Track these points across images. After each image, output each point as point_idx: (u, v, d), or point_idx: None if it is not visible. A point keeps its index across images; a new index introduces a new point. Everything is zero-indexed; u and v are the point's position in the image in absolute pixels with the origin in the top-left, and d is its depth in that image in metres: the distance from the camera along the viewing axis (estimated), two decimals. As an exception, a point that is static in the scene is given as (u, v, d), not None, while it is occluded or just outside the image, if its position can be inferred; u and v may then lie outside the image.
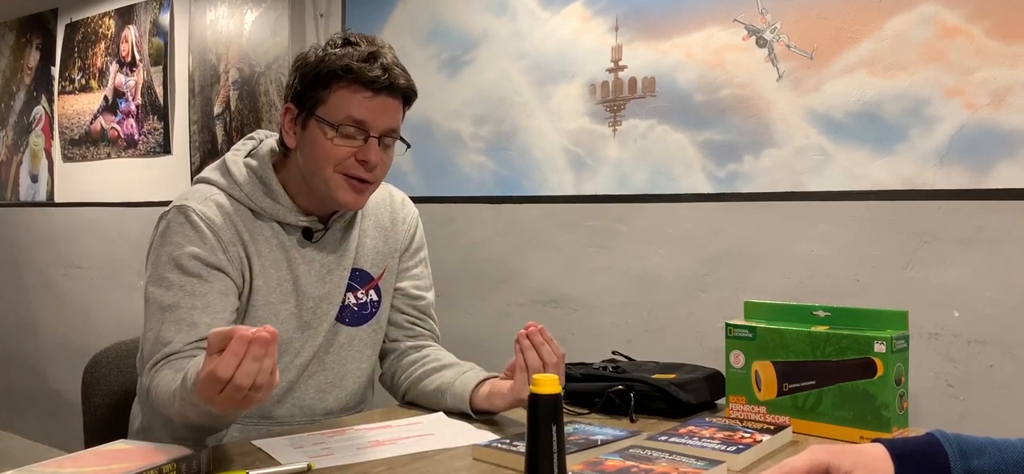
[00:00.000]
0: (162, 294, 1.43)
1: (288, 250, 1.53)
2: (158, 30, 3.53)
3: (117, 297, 3.75)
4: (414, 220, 1.73)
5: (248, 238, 1.49)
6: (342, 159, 1.45)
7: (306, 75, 1.47)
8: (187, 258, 1.43)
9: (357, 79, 1.43)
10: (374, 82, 1.44)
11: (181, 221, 1.46)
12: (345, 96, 1.44)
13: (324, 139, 1.45)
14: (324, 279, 1.56)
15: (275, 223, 1.52)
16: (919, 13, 1.80)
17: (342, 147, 1.45)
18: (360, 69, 1.43)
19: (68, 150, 3.97)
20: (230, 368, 1.08)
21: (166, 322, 1.41)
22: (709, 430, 1.36)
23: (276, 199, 1.51)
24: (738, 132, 2.04)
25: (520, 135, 2.43)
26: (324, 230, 1.56)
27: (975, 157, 1.75)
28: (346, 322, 1.60)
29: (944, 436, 1.02)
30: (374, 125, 1.45)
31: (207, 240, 1.45)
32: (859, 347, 1.37)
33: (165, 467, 1.14)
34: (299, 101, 1.48)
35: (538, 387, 1.02)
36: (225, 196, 1.50)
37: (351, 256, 1.60)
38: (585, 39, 2.29)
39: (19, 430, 4.29)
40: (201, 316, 1.41)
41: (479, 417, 1.51)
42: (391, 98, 1.47)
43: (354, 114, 1.44)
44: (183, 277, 1.43)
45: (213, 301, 1.43)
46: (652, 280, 2.20)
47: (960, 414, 1.76)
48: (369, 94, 1.44)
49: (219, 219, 1.47)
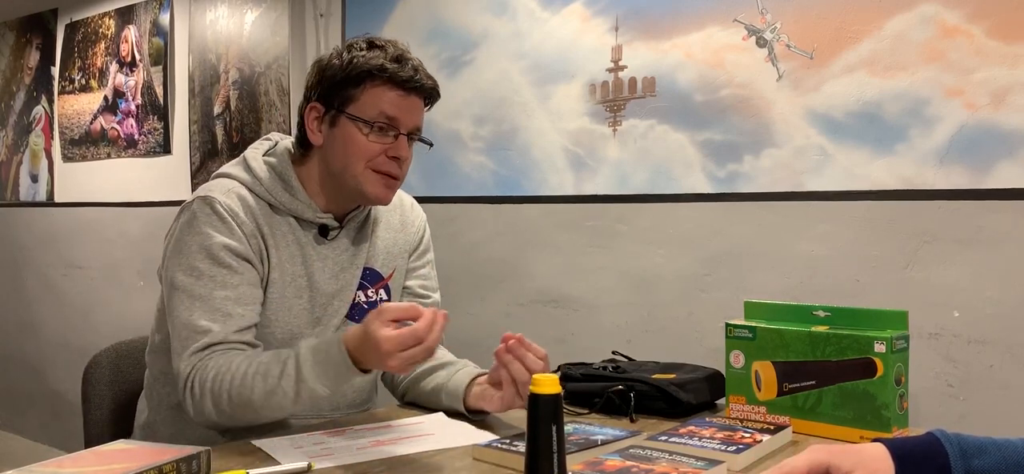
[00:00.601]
0: (193, 283, 1.45)
1: (304, 246, 1.55)
2: (158, 30, 3.53)
3: (117, 297, 3.75)
4: (422, 223, 1.77)
5: (268, 232, 1.52)
6: (374, 155, 1.51)
7: (334, 76, 1.52)
8: (218, 248, 1.46)
9: (391, 79, 1.50)
10: (407, 82, 1.51)
11: (207, 212, 1.48)
12: (379, 94, 1.50)
13: (359, 135, 1.50)
14: (337, 276, 1.58)
15: (292, 219, 1.55)
16: (919, 13, 1.80)
17: (375, 144, 1.51)
18: (394, 70, 1.50)
19: (68, 150, 3.97)
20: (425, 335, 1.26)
21: (200, 311, 1.43)
22: (709, 430, 1.36)
23: (295, 195, 1.55)
24: (738, 132, 2.04)
25: (520, 135, 2.43)
26: (339, 228, 1.59)
27: (975, 157, 1.75)
28: (356, 320, 1.61)
29: (944, 436, 1.02)
30: (404, 122, 1.52)
31: (235, 231, 1.48)
32: (859, 347, 1.37)
33: (165, 467, 1.14)
34: (326, 101, 1.53)
35: (538, 387, 1.02)
36: (246, 190, 1.53)
37: (363, 256, 1.63)
38: (585, 39, 2.29)
39: (19, 430, 4.29)
40: (234, 307, 1.44)
41: (475, 416, 1.52)
42: (419, 98, 1.54)
43: (387, 111, 1.50)
44: (214, 267, 1.45)
45: (244, 292, 1.46)
46: (652, 280, 2.20)
47: (960, 414, 1.76)
48: (402, 93, 1.51)
49: (241, 211, 1.50)
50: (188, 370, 1.42)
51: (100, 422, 1.70)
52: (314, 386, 1.34)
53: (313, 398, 1.36)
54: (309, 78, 1.57)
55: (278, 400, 1.36)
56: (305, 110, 1.56)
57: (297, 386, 1.35)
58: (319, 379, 1.34)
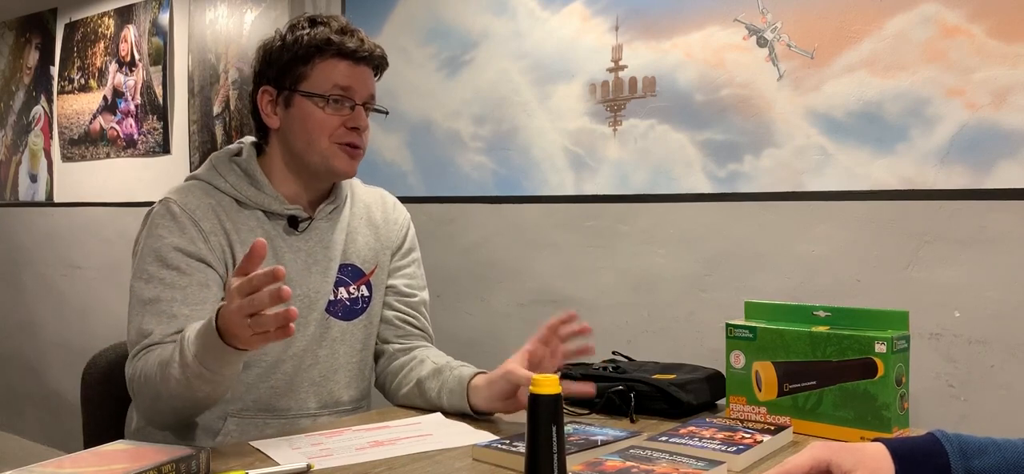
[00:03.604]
0: (143, 288, 1.46)
1: (273, 239, 1.55)
2: (157, 30, 3.52)
3: (117, 297, 3.75)
4: (406, 221, 1.77)
5: (231, 227, 1.52)
6: (334, 128, 1.54)
7: (281, 56, 1.54)
8: (168, 250, 1.47)
9: (340, 50, 1.53)
10: (356, 52, 1.54)
11: (163, 213, 1.50)
12: (330, 67, 1.53)
13: (316, 110, 1.53)
14: (310, 269, 1.58)
15: (260, 213, 1.55)
16: (920, 13, 1.80)
17: (333, 116, 1.54)
18: (341, 41, 1.54)
19: (67, 150, 3.96)
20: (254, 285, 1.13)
21: (146, 314, 1.44)
22: (709, 430, 1.36)
23: (261, 188, 1.55)
24: (738, 132, 2.04)
25: (520, 135, 2.43)
26: (309, 220, 1.59)
27: (976, 157, 1.75)
28: (338, 316, 1.61)
29: (945, 436, 1.02)
30: (359, 92, 1.56)
31: (187, 231, 1.48)
32: (860, 347, 1.37)
33: (165, 467, 1.13)
34: (277, 83, 1.55)
35: (538, 387, 1.02)
36: (210, 187, 1.54)
37: (338, 248, 1.62)
38: (585, 39, 2.29)
39: (19, 430, 4.29)
40: (180, 308, 1.44)
41: (477, 415, 1.52)
42: (369, 68, 1.58)
43: (341, 82, 1.53)
44: (163, 270, 1.46)
45: (192, 293, 1.46)
46: (652, 280, 2.20)
47: (961, 414, 1.76)
48: (351, 63, 1.55)
49: (200, 210, 1.50)
50: (130, 373, 1.43)
51: (99, 422, 1.70)
52: (196, 367, 1.27)
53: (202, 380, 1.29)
54: (255, 64, 1.59)
55: (172, 386, 1.32)
56: (257, 96, 1.57)
57: (182, 368, 1.29)
58: (197, 356, 1.27)
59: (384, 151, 2.68)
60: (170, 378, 1.32)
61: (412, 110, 2.65)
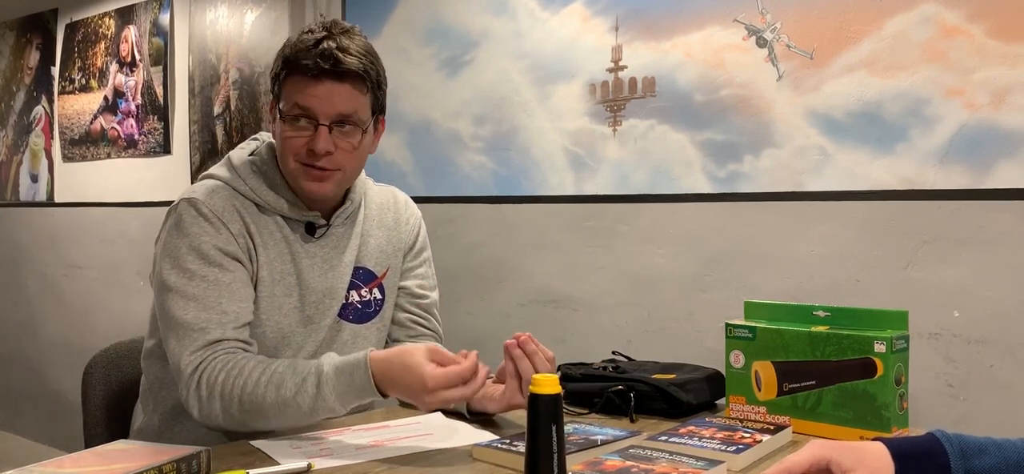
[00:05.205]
0: (185, 283, 1.44)
1: (292, 244, 1.54)
2: (158, 30, 3.53)
3: (117, 297, 3.75)
4: (417, 221, 1.75)
5: (254, 230, 1.51)
6: (298, 149, 1.47)
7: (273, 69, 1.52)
8: (208, 247, 1.45)
9: (296, 67, 1.45)
10: (310, 68, 1.43)
11: (193, 214, 1.48)
12: (292, 85, 1.46)
13: (285, 129, 1.48)
14: (326, 274, 1.57)
15: (279, 217, 1.54)
16: (919, 13, 1.80)
17: (295, 137, 1.47)
18: (297, 56, 1.45)
19: (68, 150, 3.97)
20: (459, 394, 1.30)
21: (194, 309, 1.43)
22: (709, 430, 1.36)
23: (279, 192, 1.54)
24: (738, 132, 2.04)
25: (520, 135, 2.43)
26: (327, 226, 1.58)
27: (975, 157, 1.75)
28: (350, 319, 1.60)
29: (944, 436, 1.02)
30: (321, 112, 1.45)
31: (222, 231, 1.47)
32: (859, 347, 1.37)
33: (165, 467, 1.14)
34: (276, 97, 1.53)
35: (538, 387, 1.02)
36: (230, 190, 1.52)
37: (354, 253, 1.61)
38: (585, 39, 2.29)
39: (19, 430, 4.29)
40: (229, 304, 1.44)
41: (475, 417, 1.52)
42: (337, 83, 1.45)
43: (299, 101, 1.45)
44: (206, 266, 1.45)
45: (238, 290, 1.46)
46: (652, 280, 2.20)
47: (960, 414, 1.76)
48: (308, 79, 1.44)
49: (227, 211, 1.49)
50: (192, 367, 1.40)
51: (99, 422, 1.70)
52: (334, 405, 1.36)
53: (330, 412, 1.38)
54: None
55: (292, 412, 1.37)
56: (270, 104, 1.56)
57: (315, 402, 1.35)
58: (340, 399, 1.36)
59: (384, 151, 2.68)
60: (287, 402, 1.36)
61: (412, 110, 2.65)
